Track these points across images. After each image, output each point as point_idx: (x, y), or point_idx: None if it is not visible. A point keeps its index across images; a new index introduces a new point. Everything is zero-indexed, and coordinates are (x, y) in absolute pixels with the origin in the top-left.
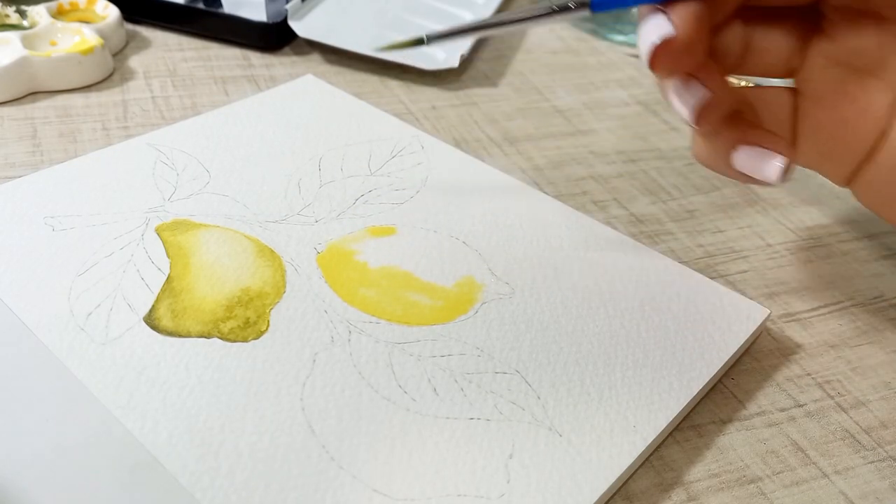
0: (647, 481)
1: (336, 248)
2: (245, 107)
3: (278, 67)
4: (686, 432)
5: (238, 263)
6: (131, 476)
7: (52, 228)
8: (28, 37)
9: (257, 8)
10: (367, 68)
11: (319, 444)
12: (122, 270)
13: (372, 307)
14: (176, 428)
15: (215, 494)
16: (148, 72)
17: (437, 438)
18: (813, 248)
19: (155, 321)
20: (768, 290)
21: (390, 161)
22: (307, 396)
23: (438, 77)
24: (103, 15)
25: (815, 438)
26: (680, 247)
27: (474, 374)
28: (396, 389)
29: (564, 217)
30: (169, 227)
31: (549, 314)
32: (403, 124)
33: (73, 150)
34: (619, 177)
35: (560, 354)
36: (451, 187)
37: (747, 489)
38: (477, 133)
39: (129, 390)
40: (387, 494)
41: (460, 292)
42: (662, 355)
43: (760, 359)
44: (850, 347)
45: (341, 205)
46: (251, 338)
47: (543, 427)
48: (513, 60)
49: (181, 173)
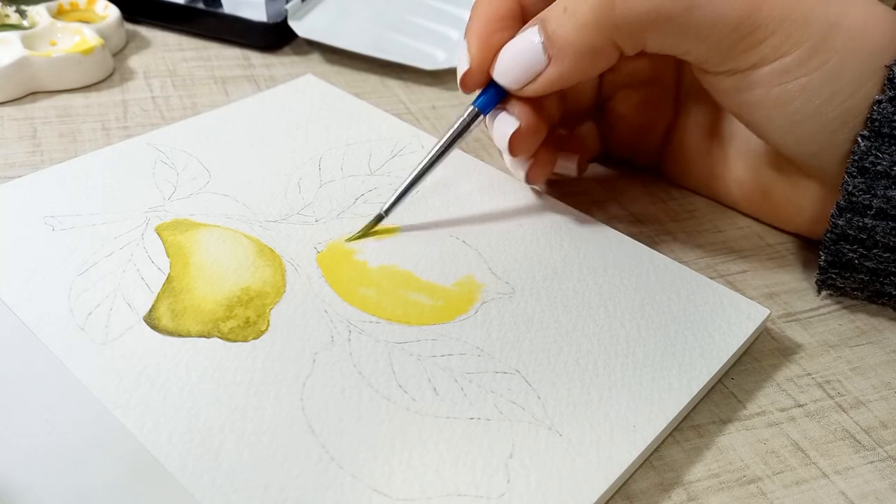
0: (647, 481)
1: (336, 247)
2: (245, 107)
3: (278, 67)
4: (686, 432)
5: (238, 263)
6: (131, 476)
7: (52, 228)
8: (28, 37)
9: (257, 8)
10: (367, 68)
11: (319, 444)
12: (122, 270)
13: (372, 307)
14: (176, 428)
15: (215, 494)
16: (148, 72)
17: (437, 438)
18: (813, 248)
19: (155, 321)
20: (768, 290)
21: (390, 161)
22: (307, 396)
23: (438, 77)
24: (103, 15)
25: (815, 438)
26: (680, 247)
27: (474, 374)
28: (396, 389)
29: (564, 217)
30: (169, 227)
31: (549, 314)
32: (403, 124)
33: (73, 150)
34: (619, 177)
35: (560, 354)
36: (451, 187)
37: (747, 489)
38: (477, 133)
39: (129, 390)
40: (387, 494)
41: (460, 292)
42: (662, 355)
43: (760, 359)
44: (850, 347)
45: (341, 204)
46: (251, 337)
47: (543, 427)
48: None
49: (181, 173)
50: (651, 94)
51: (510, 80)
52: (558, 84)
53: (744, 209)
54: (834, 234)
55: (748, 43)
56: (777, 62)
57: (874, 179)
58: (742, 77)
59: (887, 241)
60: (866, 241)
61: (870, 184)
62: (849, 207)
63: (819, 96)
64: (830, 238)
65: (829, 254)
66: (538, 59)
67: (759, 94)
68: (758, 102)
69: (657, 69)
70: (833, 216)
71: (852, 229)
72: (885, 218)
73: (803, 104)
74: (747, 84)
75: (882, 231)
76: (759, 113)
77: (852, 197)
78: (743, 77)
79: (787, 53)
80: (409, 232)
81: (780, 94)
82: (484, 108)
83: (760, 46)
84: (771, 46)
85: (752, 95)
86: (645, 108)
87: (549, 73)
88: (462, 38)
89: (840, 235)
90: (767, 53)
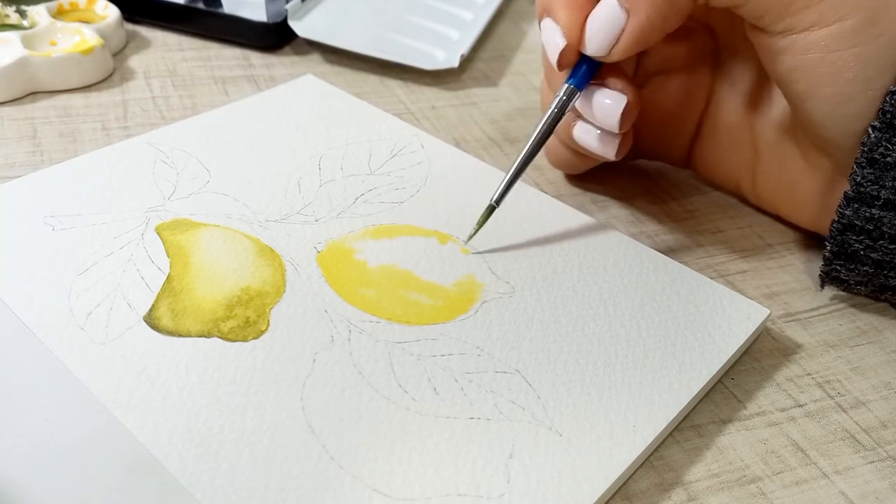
0: (647, 481)
1: (336, 246)
2: (245, 107)
3: (278, 67)
4: (686, 432)
5: (238, 263)
6: (131, 476)
7: (52, 228)
8: (28, 37)
9: (257, 8)
10: (367, 68)
11: (319, 443)
12: (121, 270)
13: (372, 306)
14: (176, 428)
15: (215, 494)
16: (148, 72)
17: (437, 438)
18: (813, 248)
19: (155, 321)
20: (768, 290)
21: (390, 160)
22: (307, 396)
23: (438, 77)
24: (103, 15)
25: (815, 438)
26: (680, 247)
27: (474, 374)
28: (396, 389)
29: (564, 217)
30: (169, 227)
31: (549, 314)
32: (403, 124)
33: (73, 150)
34: (619, 177)
35: (560, 354)
36: (451, 187)
37: (747, 489)
38: (477, 133)
39: (129, 390)
40: (387, 494)
41: (460, 291)
42: (662, 355)
43: (760, 359)
44: (850, 347)
45: (341, 204)
46: (251, 337)
47: (543, 427)
48: (513, 60)
49: (181, 172)
50: (685, 81)
51: (597, 46)
52: (641, 39)
53: (768, 205)
54: (841, 223)
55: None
56: (835, 25)
57: (883, 171)
58: (797, 38)
59: (894, 233)
60: (873, 231)
61: (879, 175)
62: (857, 197)
63: (873, 69)
64: (837, 228)
65: (835, 244)
66: (617, 16)
67: (814, 60)
68: (811, 69)
69: (692, 54)
70: (841, 206)
71: (859, 220)
72: (893, 209)
73: (856, 74)
74: (802, 46)
75: (889, 222)
76: (810, 80)
77: (860, 187)
78: (798, 39)
79: (846, 17)
80: (410, 231)
81: (835, 61)
82: (580, 84)
83: (820, 4)
84: (831, 6)
85: (806, 60)
86: (678, 96)
87: (630, 28)
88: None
89: (847, 226)
90: (827, 13)
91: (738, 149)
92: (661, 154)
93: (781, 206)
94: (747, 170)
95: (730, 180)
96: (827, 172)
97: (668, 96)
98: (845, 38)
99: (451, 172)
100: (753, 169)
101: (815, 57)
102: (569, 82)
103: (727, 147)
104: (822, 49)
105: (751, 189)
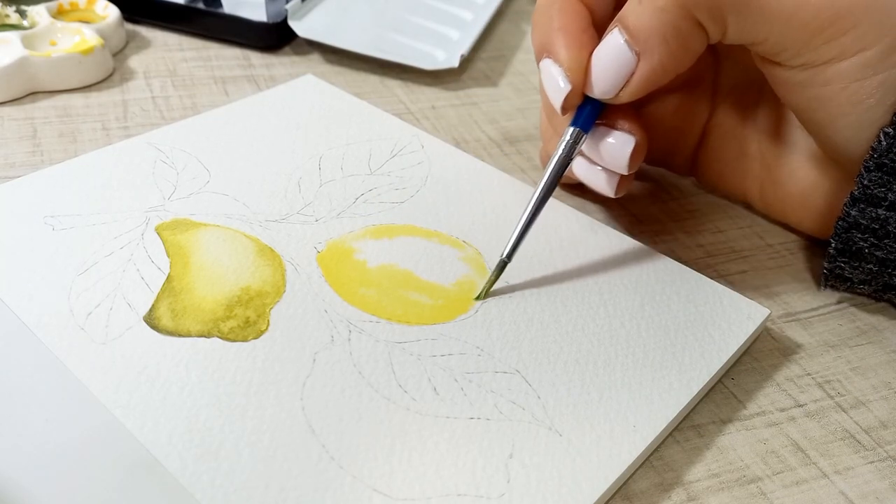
0: (647, 481)
1: (336, 246)
2: (245, 107)
3: (278, 67)
4: (686, 432)
5: (238, 263)
6: (131, 476)
7: (52, 228)
8: (28, 37)
9: (257, 8)
10: (367, 68)
11: (319, 443)
12: (121, 270)
13: (372, 306)
14: (176, 428)
15: (215, 494)
16: (148, 72)
17: (437, 438)
18: (813, 248)
19: (155, 321)
20: (768, 290)
21: (390, 160)
22: (307, 396)
23: (438, 77)
24: (103, 15)
25: (815, 438)
26: (680, 247)
27: (474, 374)
28: (396, 389)
29: (564, 217)
30: (169, 227)
31: (549, 314)
32: (403, 124)
33: (73, 150)
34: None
35: (560, 354)
36: (451, 187)
37: (747, 489)
38: (477, 133)
39: (129, 390)
40: (387, 494)
41: (460, 291)
42: (662, 355)
43: (760, 359)
44: (850, 347)
45: (341, 204)
46: (251, 337)
47: (543, 427)
48: (513, 60)
49: (181, 172)
50: (688, 97)
51: (604, 88)
52: (652, 81)
53: (777, 215)
54: (846, 222)
55: (829, 34)
56: (857, 56)
57: (890, 175)
58: (818, 71)
59: None
60: (878, 230)
61: (886, 179)
62: (863, 198)
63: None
64: (842, 226)
65: (839, 241)
66: (627, 58)
67: (834, 91)
68: (830, 98)
69: (696, 69)
70: (846, 205)
71: (865, 219)
72: None
73: (879, 100)
74: (823, 79)
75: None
76: (830, 110)
77: (867, 189)
78: (819, 71)
79: (869, 47)
80: (410, 231)
81: (857, 90)
82: (585, 126)
83: (842, 38)
84: (853, 38)
85: (826, 91)
86: (680, 110)
87: (641, 71)
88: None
89: (852, 224)
90: (848, 46)
91: (744, 161)
92: (664, 164)
93: (792, 214)
94: (754, 181)
95: (736, 190)
96: (839, 182)
97: (670, 112)
98: (868, 67)
99: (451, 172)
100: (761, 180)
101: (837, 88)
102: (573, 125)
103: (732, 159)
104: (845, 80)
105: (759, 200)
